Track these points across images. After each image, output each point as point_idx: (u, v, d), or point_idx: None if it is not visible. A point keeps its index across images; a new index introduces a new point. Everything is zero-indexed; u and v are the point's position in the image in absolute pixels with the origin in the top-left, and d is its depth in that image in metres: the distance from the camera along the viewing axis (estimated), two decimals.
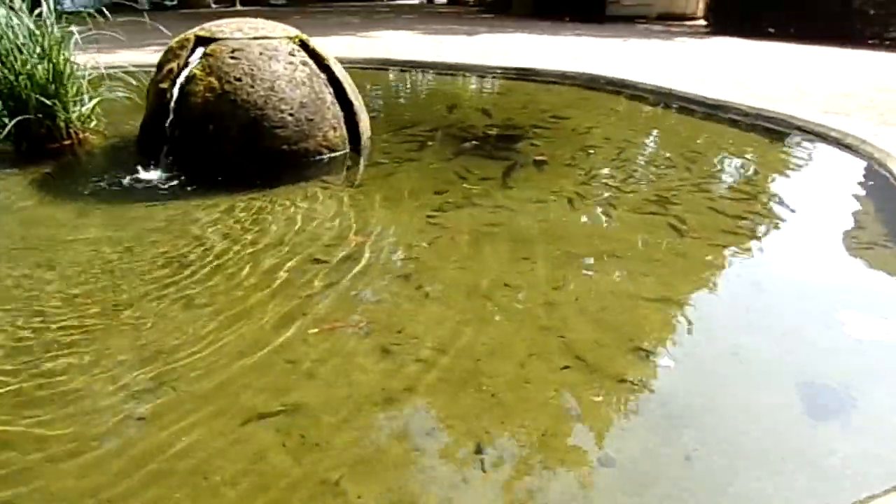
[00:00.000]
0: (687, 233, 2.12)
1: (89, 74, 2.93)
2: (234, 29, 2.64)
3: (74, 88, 2.78)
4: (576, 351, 1.47)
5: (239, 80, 2.50)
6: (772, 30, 8.97)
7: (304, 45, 2.78)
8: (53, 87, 2.67)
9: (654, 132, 3.57)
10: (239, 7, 16.17)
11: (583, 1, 11.56)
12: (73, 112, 2.82)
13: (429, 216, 2.26)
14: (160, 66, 2.65)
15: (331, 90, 2.77)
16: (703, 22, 10.72)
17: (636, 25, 10.77)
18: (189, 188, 2.44)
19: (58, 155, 2.78)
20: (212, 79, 2.49)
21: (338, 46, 6.96)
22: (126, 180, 2.48)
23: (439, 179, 2.66)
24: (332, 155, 2.79)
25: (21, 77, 2.56)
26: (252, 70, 2.52)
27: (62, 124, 2.77)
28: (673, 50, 7.45)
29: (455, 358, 1.45)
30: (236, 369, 1.38)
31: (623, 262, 1.91)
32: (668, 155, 2.99)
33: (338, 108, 2.78)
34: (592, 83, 4.95)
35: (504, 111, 4.09)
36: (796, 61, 6.38)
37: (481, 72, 5.82)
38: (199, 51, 2.54)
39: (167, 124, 2.45)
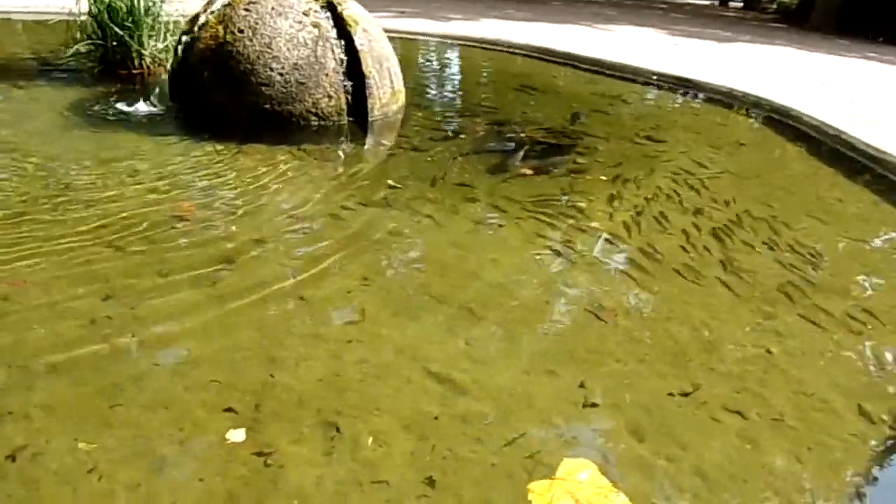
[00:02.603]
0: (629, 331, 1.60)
1: (175, 18, 3.37)
2: None
3: (151, 26, 3.23)
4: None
5: (241, 31, 2.62)
6: None
7: (330, 7, 2.77)
8: (130, 21, 3.13)
9: (757, 176, 2.72)
10: None
11: None
12: (147, 47, 3.27)
13: (341, 206, 2.10)
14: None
15: (340, 57, 2.72)
16: None
17: None
18: (168, 127, 2.66)
19: (122, 81, 3.28)
20: (219, 27, 2.65)
21: (564, 36, 6.89)
22: (130, 109, 2.82)
23: (412, 175, 2.45)
24: (323, 123, 2.77)
25: (103, 9, 3.06)
26: (256, 24, 2.61)
27: (134, 55, 3.25)
28: None
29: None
30: None
31: (505, 335, 1.50)
32: (737, 208, 2.27)
33: (341, 76, 2.73)
34: (754, 106, 4.02)
35: (595, 119, 3.57)
36: None
37: (641, 75, 5.19)
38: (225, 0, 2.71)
39: (170, 67, 2.70)
